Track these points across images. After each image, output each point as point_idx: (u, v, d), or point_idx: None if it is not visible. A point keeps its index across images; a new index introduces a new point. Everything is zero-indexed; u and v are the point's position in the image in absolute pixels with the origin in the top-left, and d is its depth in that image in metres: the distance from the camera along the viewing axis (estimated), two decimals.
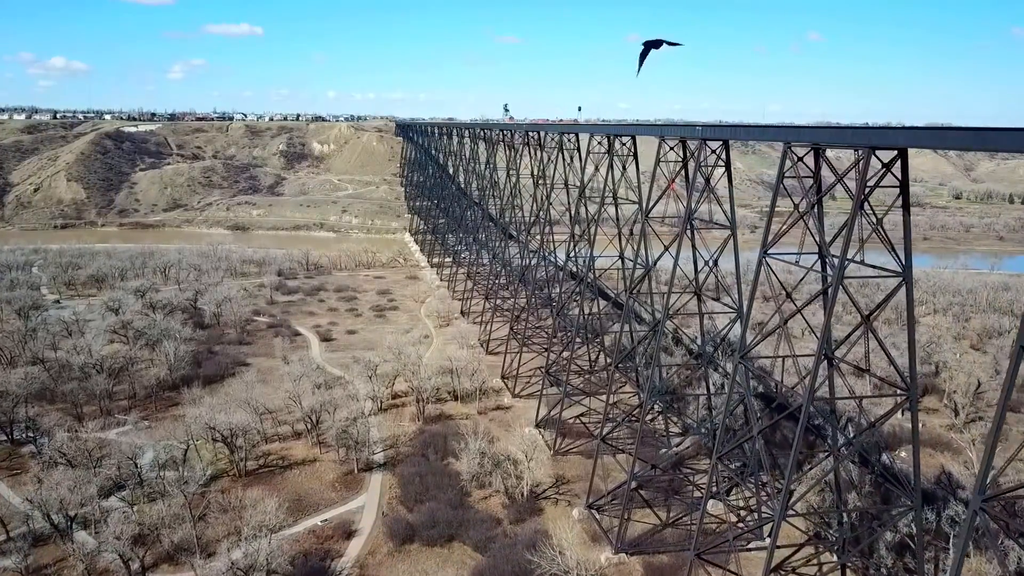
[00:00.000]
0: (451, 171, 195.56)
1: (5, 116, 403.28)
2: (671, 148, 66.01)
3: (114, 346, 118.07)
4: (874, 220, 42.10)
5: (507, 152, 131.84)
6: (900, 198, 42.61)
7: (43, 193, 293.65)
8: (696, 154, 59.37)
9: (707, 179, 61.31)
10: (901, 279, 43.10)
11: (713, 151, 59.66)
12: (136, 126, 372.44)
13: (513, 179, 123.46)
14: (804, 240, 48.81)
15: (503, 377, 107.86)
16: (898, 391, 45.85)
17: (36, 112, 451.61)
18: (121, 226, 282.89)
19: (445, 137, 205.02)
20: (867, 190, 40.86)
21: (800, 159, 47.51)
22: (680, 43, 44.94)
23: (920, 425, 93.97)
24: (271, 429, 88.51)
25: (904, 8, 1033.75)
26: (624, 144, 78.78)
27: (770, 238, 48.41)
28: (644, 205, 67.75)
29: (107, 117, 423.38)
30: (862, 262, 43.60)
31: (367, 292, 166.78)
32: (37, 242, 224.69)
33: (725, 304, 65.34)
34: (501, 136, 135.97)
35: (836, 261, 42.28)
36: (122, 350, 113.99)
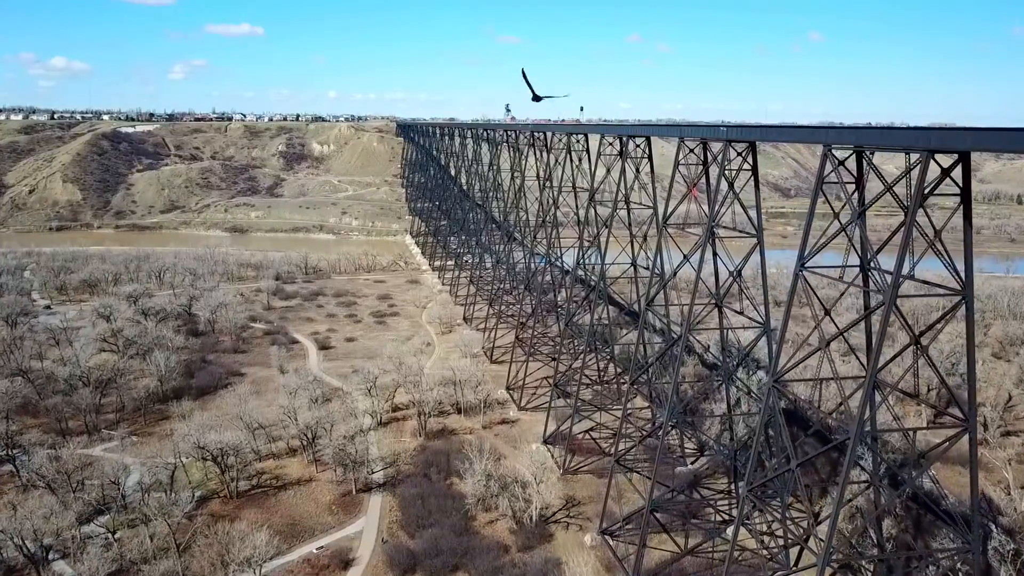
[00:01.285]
0: (453, 172, 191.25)
1: (2, 116, 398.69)
2: (691, 150, 61.71)
3: (104, 355, 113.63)
4: (927, 231, 37.78)
5: (511, 153, 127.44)
6: (961, 207, 38.15)
7: (38, 195, 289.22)
8: (721, 156, 54.83)
9: (731, 183, 56.88)
10: (961, 297, 38.58)
11: (739, 153, 55.15)
12: (134, 127, 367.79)
13: (518, 181, 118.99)
14: (848, 255, 44.36)
15: (508, 388, 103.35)
16: (952, 419, 41.34)
17: (34, 112, 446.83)
18: (117, 228, 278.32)
19: (447, 138, 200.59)
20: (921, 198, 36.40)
21: (841, 163, 43.02)
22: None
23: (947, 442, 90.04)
24: (265, 446, 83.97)
25: (905, 9, 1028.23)
26: (639, 146, 74.29)
27: (807, 250, 43.97)
28: (663, 211, 63.13)
29: (105, 117, 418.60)
30: (914, 278, 39.23)
31: (367, 297, 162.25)
32: (31, 245, 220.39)
33: (749, 317, 60.76)
34: (505, 137, 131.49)
35: (883, 276, 37.97)
36: (112, 360, 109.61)
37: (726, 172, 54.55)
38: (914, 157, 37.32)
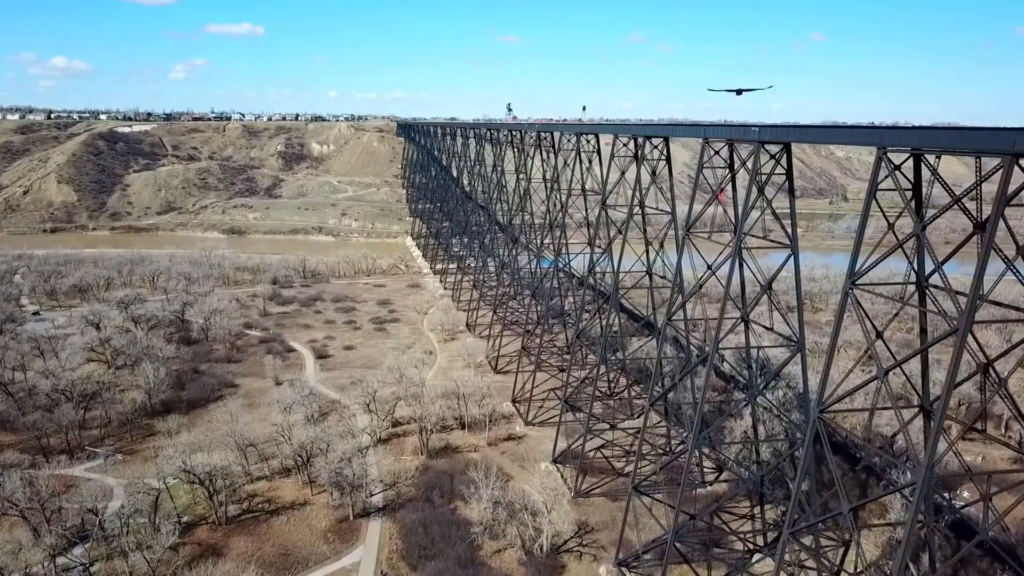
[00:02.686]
0: (455, 173, 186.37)
1: None
2: (716, 152, 56.86)
3: (91, 366, 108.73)
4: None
5: (516, 154, 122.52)
6: None
7: (33, 196, 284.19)
8: (753, 159, 49.85)
9: (761, 188, 51.90)
10: None
11: (772, 156, 50.19)
12: (131, 126, 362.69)
13: (524, 183, 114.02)
14: (908, 273, 39.78)
15: (514, 401, 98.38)
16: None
17: (31, 112, 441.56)
18: (113, 230, 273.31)
19: (448, 138, 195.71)
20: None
21: (898, 167, 38.06)
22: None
23: (979, 459, 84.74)
24: (257, 466, 79.00)
25: (906, 8, 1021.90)
26: (656, 147, 69.26)
27: (859, 265, 39.06)
28: (686, 219, 58.10)
29: (103, 117, 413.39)
30: (990, 300, 34.64)
31: (366, 302, 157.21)
32: (23, 247, 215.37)
33: (779, 333, 55.67)
34: (510, 137, 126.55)
35: (952, 297, 33.10)
36: (99, 371, 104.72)
37: (758, 176, 49.62)
38: (992, 162, 32.71)
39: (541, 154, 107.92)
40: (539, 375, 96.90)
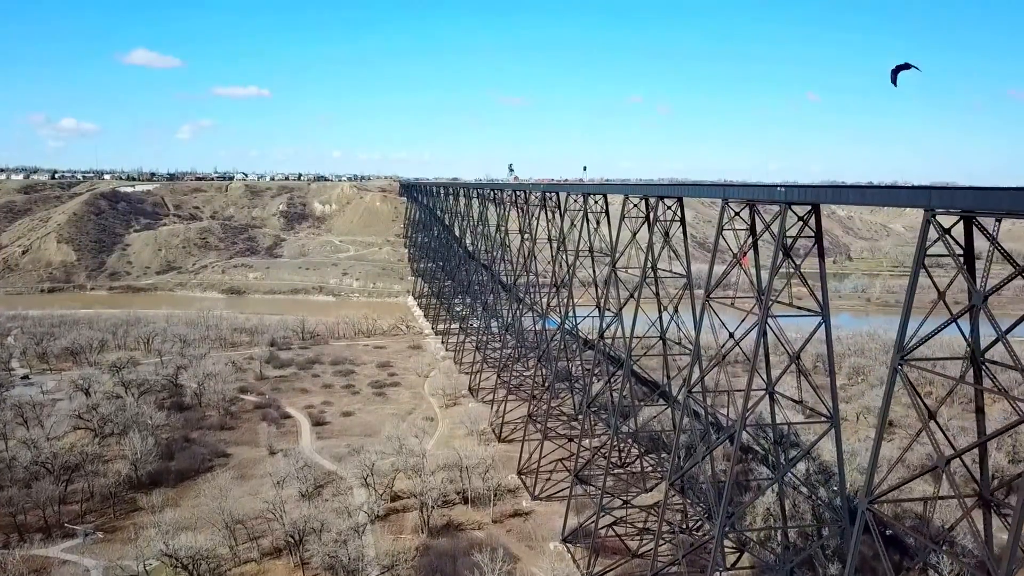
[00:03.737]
0: (457, 233, 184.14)
1: (3, 176, 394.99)
2: (736, 213, 53.67)
3: (78, 434, 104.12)
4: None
5: (520, 214, 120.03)
6: None
7: (32, 255, 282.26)
8: (780, 221, 46.62)
9: (787, 251, 48.49)
10: None
11: (800, 218, 46.96)
12: (133, 186, 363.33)
13: (528, 244, 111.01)
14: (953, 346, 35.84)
15: (520, 473, 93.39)
16: None
17: (35, 172, 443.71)
18: (111, 290, 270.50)
19: (452, 198, 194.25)
20: None
21: (947, 231, 34.60)
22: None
23: None
24: (246, 546, 73.80)
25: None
26: (669, 207, 66.18)
27: (908, 339, 35.31)
28: (707, 281, 54.58)
29: (107, 177, 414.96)
30: None
31: (366, 365, 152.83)
32: (19, 307, 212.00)
33: (812, 408, 51.49)
34: (515, 198, 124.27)
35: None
36: (84, 440, 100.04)
37: (785, 239, 46.39)
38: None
39: (547, 214, 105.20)
40: (546, 444, 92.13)
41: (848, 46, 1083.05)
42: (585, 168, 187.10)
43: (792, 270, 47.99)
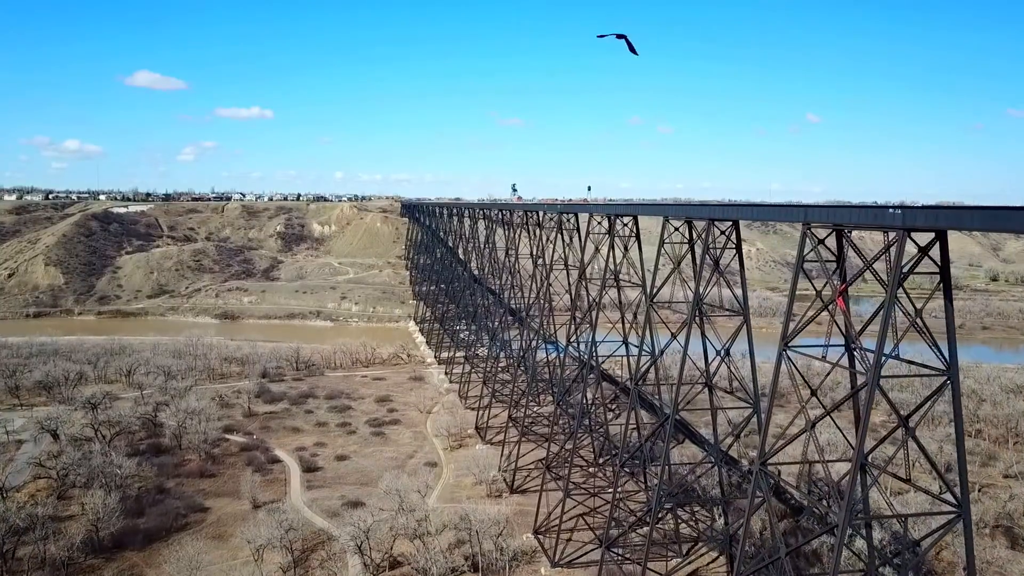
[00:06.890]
0: (461, 255, 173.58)
1: None
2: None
3: (38, 484, 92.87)
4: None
5: (531, 236, 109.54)
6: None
7: (18, 279, 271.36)
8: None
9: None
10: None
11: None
12: (127, 207, 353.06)
13: (543, 270, 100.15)
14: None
15: (536, 532, 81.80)
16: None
17: (29, 192, 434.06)
18: (99, 315, 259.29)
19: (455, 218, 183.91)
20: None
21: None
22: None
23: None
24: None
25: (901, 92, 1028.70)
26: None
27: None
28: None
29: (101, 197, 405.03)
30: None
31: (364, 399, 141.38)
32: (1, 334, 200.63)
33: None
34: (525, 219, 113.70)
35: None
36: (45, 490, 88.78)
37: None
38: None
39: (563, 237, 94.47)
40: (568, 499, 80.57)
41: (845, 72, 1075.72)
42: (590, 188, 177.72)
43: (909, 314, 37.51)
